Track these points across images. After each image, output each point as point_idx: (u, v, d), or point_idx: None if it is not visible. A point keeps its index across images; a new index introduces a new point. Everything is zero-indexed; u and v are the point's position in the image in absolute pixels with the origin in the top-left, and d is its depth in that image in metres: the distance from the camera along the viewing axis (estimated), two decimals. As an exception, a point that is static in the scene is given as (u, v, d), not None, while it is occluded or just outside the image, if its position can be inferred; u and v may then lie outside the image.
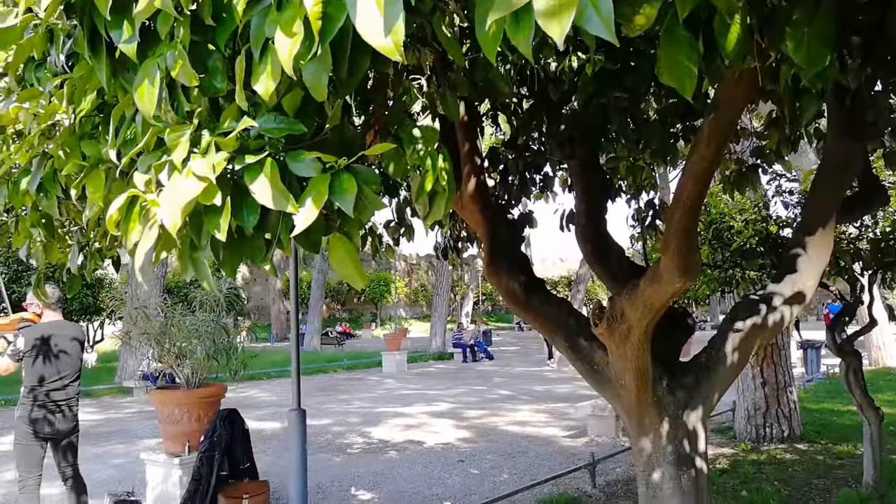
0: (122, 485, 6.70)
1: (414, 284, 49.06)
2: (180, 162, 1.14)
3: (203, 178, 1.10)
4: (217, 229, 1.14)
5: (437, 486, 6.74)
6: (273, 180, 1.13)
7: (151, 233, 1.17)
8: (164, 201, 1.13)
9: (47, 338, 4.84)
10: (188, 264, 1.27)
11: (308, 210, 1.12)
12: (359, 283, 1.27)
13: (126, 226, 1.21)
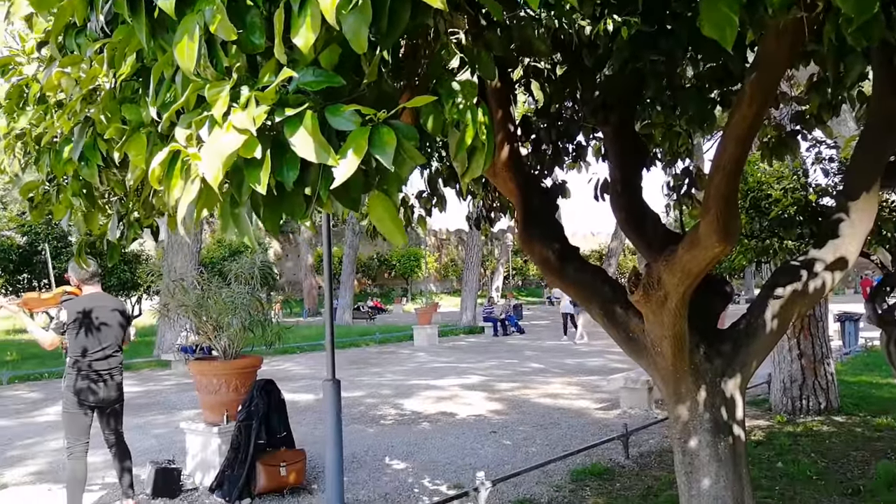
0: (162, 453, 6.89)
1: (444, 259, 49.16)
2: (220, 116, 1.15)
3: (243, 130, 1.11)
4: (257, 183, 1.15)
5: (470, 456, 6.80)
6: (313, 132, 1.12)
7: (193, 187, 1.17)
8: (205, 155, 1.13)
9: (88, 310, 4.96)
10: (229, 220, 1.28)
11: (348, 162, 1.12)
12: (399, 239, 1.27)
13: (168, 181, 1.22)
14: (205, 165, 1.13)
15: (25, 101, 2.13)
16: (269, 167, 1.15)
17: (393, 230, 1.26)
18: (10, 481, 6.42)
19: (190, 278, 6.22)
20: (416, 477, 6.14)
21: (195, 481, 6.00)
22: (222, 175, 1.12)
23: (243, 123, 1.11)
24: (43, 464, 7.09)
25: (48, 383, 13.57)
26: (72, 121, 1.73)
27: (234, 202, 1.26)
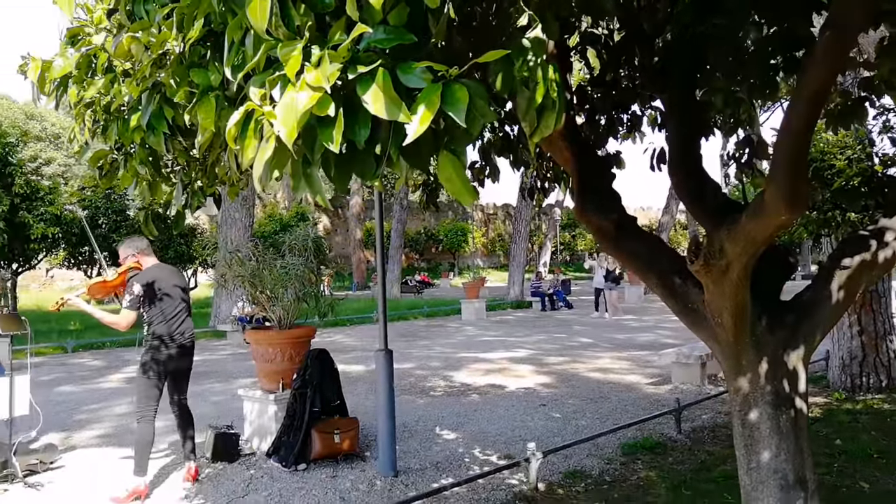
0: (221, 419, 7.09)
1: (491, 234, 49.10)
2: (294, 75, 1.15)
3: (317, 88, 1.11)
4: (330, 142, 1.16)
5: (520, 428, 6.83)
6: (385, 89, 1.12)
7: (268, 146, 1.19)
8: (279, 113, 1.14)
9: (154, 281, 5.11)
10: (301, 180, 1.29)
11: (420, 119, 1.12)
12: (467, 198, 1.26)
13: (243, 141, 1.24)
14: (279, 123, 1.14)
15: (94, 70, 2.18)
16: (342, 125, 1.16)
17: (462, 190, 1.25)
18: (78, 443, 6.71)
19: (245, 250, 6.34)
20: (466, 447, 6.20)
21: (252, 446, 6.18)
22: (297, 133, 1.13)
23: (317, 81, 1.11)
24: (108, 427, 7.39)
25: (110, 352, 14.11)
26: (140, 86, 1.77)
27: (306, 162, 1.27)
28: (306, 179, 1.28)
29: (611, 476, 5.35)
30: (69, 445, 6.58)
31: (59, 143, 40.60)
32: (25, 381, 5.71)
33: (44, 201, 15.51)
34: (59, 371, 11.58)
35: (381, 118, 1.14)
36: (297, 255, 6.40)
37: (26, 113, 39.79)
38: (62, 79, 2.18)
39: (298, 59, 1.17)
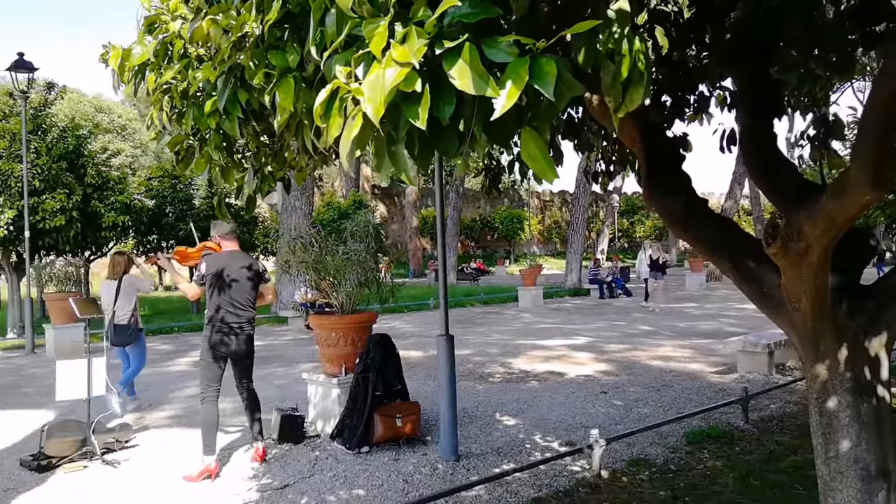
0: (285, 402, 7.26)
1: (547, 221, 48.69)
2: (379, 51, 1.15)
3: (405, 64, 1.11)
4: (416, 118, 1.15)
5: (581, 415, 6.77)
6: (473, 64, 1.11)
7: (354, 123, 1.19)
8: (366, 90, 1.14)
9: (224, 266, 5.25)
10: (385, 158, 1.29)
11: (508, 93, 1.10)
12: (550, 176, 1.25)
13: (328, 119, 1.25)
14: (366, 101, 1.14)
15: (170, 57, 2.23)
16: (428, 101, 1.15)
17: (545, 167, 1.23)
18: (150, 423, 6.97)
19: (307, 237, 6.44)
20: (527, 433, 6.18)
21: (317, 428, 6.31)
22: (383, 110, 1.12)
23: (405, 57, 1.11)
24: (178, 408, 7.65)
25: (178, 336, 14.60)
26: (217, 70, 1.80)
27: (390, 139, 1.27)
28: (391, 157, 1.28)
29: (676, 465, 5.26)
30: (142, 425, 6.83)
31: (125, 134, 42.02)
32: (102, 363, 5.94)
33: (114, 191, 16.08)
34: (130, 354, 12.02)
35: (466, 94, 1.13)
36: (359, 241, 6.46)
37: (95, 106, 41.26)
38: (140, 66, 2.24)
39: (384, 36, 1.16)
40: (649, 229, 47.03)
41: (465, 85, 1.12)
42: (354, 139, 1.18)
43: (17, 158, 13.74)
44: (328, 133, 1.26)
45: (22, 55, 13.07)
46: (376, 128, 1.17)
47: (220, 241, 5.34)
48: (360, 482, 5.01)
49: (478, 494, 4.68)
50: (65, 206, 14.22)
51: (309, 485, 4.98)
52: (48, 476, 5.35)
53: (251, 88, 1.82)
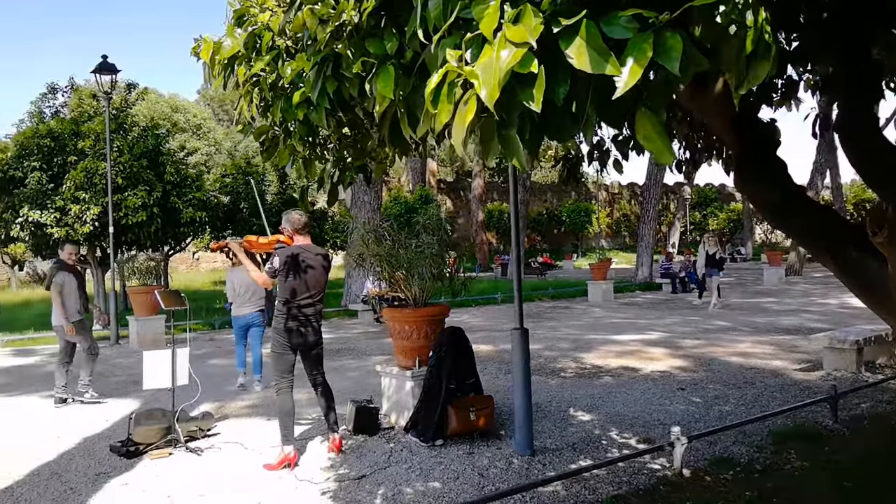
0: (358, 393, 7.34)
1: (616, 214, 47.84)
2: (491, 33, 1.11)
3: (521, 44, 1.06)
4: (531, 100, 1.10)
5: (658, 411, 6.60)
6: (591, 41, 1.05)
7: (468, 108, 1.15)
8: (479, 72, 1.10)
9: (297, 258, 5.32)
10: (493, 144, 1.25)
11: (630, 71, 1.04)
12: (668, 157, 1.18)
13: (438, 105, 1.21)
14: (480, 84, 1.10)
15: (258, 49, 2.25)
16: (544, 82, 1.10)
17: (662, 148, 1.17)
18: (229, 413, 7.17)
19: (381, 230, 6.47)
20: (602, 429, 6.07)
21: (391, 420, 6.35)
22: (498, 93, 1.08)
23: (520, 37, 1.06)
24: (256, 398, 7.84)
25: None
26: (312, 60, 1.80)
27: (500, 123, 1.22)
28: (502, 142, 1.23)
29: (761, 464, 5.06)
30: (222, 414, 7.03)
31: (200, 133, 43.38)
32: (185, 353, 6.14)
33: (191, 188, 16.64)
34: (208, 346, 12.43)
35: (580, 74, 1.07)
36: (431, 234, 6.45)
37: (171, 106, 42.77)
38: (230, 59, 2.27)
39: (495, 17, 1.12)
40: (723, 222, 45.61)
41: (582, 64, 1.06)
42: (469, 124, 1.14)
43: (102, 157, 14.35)
44: (437, 119, 1.22)
45: (105, 58, 13.63)
46: (490, 112, 1.12)
47: (293, 234, 5.41)
48: (435, 474, 5.01)
49: (555, 490, 4.60)
50: (146, 202, 14.79)
51: (385, 476, 5.02)
52: (136, 462, 5.56)
53: (342, 78, 1.81)
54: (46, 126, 15.44)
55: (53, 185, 14.54)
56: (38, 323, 16.77)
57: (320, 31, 1.67)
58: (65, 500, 4.80)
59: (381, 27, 1.56)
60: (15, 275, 33.54)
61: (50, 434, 6.57)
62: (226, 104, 52.09)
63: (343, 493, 4.70)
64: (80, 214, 14.13)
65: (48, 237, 14.42)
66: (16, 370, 10.72)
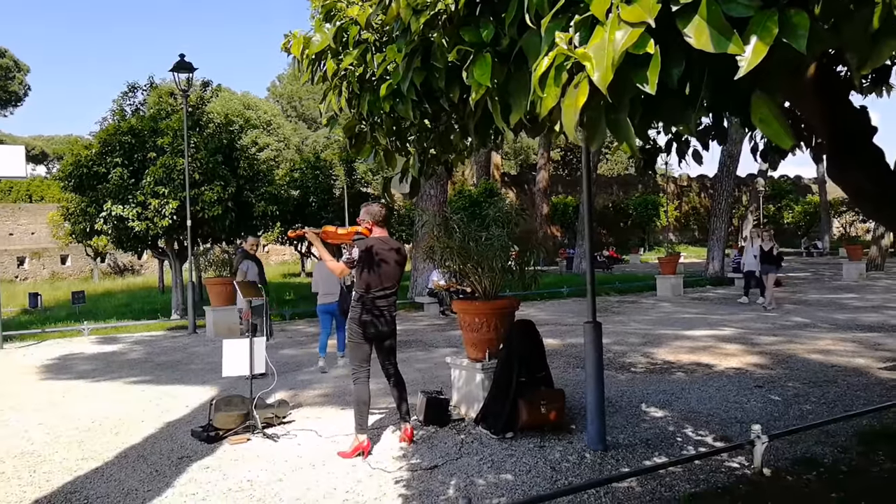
0: (427, 385, 7.42)
1: (684, 207, 46.70)
2: (603, 13, 1.09)
3: (638, 24, 1.04)
4: (644, 83, 1.08)
5: (735, 409, 6.42)
6: (712, 20, 1.02)
7: (579, 91, 1.14)
8: (592, 54, 1.09)
9: (374, 251, 5.38)
10: (600, 128, 1.23)
11: (754, 49, 1.01)
12: (786, 141, 1.14)
13: (547, 89, 1.20)
14: (593, 66, 1.08)
15: (345, 43, 2.28)
16: (659, 63, 1.08)
17: (780, 132, 1.13)
18: (303, 401, 7.34)
19: (451, 222, 6.50)
20: (676, 426, 5.94)
21: (461, 412, 6.38)
22: (612, 75, 1.06)
23: (637, 16, 1.04)
24: (328, 388, 8.01)
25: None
26: (404, 50, 1.81)
27: (610, 107, 1.20)
28: (611, 126, 1.21)
29: (847, 466, 4.86)
30: (296, 403, 7.20)
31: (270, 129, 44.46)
32: (261, 342, 6.31)
33: (263, 182, 17.08)
34: (280, 336, 12.75)
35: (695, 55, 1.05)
36: (501, 226, 6.44)
37: (244, 103, 43.96)
38: (318, 54, 2.31)
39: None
40: (798, 215, 43.97)
41: (702, 43, 1.03)
42: (581, 108, 1.12)
43: (180, 153, 14.87)
44: (542, 104, 1.21)
45: (183, 56, 14.10)
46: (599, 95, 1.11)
47: (372, 226, 5.48)
48: (507, 467, 5.01)
49: (630, 486, 4.54)
50: (221, 196, 15.24)
51: (457, 467, 5.05)
52: (216, 447, 5.75)
53: (431, 69, 1.82)
54: (127, 123, 16.09)
55: (134, 180, 15.14)
56: (120, 312, 17.58)
57: (414, 20, 1.68)
58: (151, 481, 5.01)
59: (476, 15, 1.56)
60: (97, 266, 35.16)
61: (134, 418, 6.87)
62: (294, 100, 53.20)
63: (416, 483, 4.76)
64: (160, 208, 14.68)
65: (129, 230, 15.04)
66: (101, 357, 11.25)
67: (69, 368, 10.19)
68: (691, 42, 1.04)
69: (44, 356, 11.46)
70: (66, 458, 5.64)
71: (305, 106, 54.62)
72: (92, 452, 5.75)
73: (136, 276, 36.12)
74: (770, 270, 14.80)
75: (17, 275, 33.34)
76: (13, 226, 35.66)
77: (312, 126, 53.89)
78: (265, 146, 41.05)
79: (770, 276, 14.76)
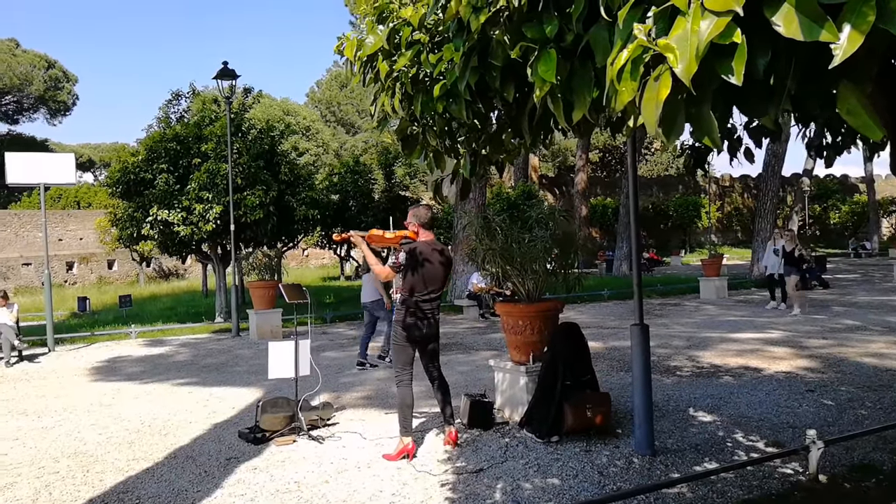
0: (469, 387, 7.40)
1: (727, 208, 45.86)
2: (685, 4, 1.06)
3: (724, 13, 1.01)
4: (730, 73, 1.05)
5: (786, 414, 6.26)
6: (803, 6, 0.99)
7: (660, 84, 1.11)
8: (675, 45, 1.06)
9: (420, 254, 5.37)
10: (678, 122, 1.20)
11: (850, 37, 0.96)
12: (875, 132, 1.10)
13: (624, 83, 1.18)
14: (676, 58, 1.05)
15: (397, 44, 2.28)
16: (745, 53, 1.04)
17: (868, 123, 1.09)
18: (346, 403, 7.38)
19: (493, 224, 6.46)
20: (726, 431, 5.82)
21: (504, 415, 6.34)
22: (696, 67, 1.03)
23: (724, 5, 1.01)
24: (370, 390, 8.04)
25: (362, 323, 15.37)
26: (459, 51, 1.80)
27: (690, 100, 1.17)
28: (692, 119, 1.18)
29: (908, 474, 4.70)
30: (339, 405, 7.24)
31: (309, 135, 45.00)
32: (306, 345, 6.37)
33: (304, 186, 17.28)
34: (322, 339, 12.86)
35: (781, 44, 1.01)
36: (544, 228, 6.39)
37: (283, 109, 44.58)
38: (370, 56, 2.31)
39: (689, -13, 1.07)
40: (845, 215, 42.82)
41: (792, 31, 0.99)
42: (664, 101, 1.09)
43: (223, 159, 15.12)
44: (618, 98, 1.18)
45: (226, 64, 14.35)
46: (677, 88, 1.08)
47: (419, 230, 5.48)
48: (553, 471, 4.96)
49: (680, 492, 4.45)
50: (262, 201, 15.46)
51: (502, 470, 5.01)
52: (263, 448, 5.81)
53: (488, 68, 1.81)
54: (173, 130, 16.43)
55: (179, 185, 15.44)
56: (165, 316, 17.94)
57: (474, 18, 1.67)
58: (200, 481, 5.09)
59: (538, 11, 1.53)
60: (143, 270, 35.98)
61: (182, 419, 6.99)
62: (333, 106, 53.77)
63: (462, 486, 4.74)
64: (204, 213, 14.94)
65: (175, 235, 15.34)
66: (149, 359, 11.49)
67: (118, 370, 10.42)
68: (780, 30, 1.00)
69: (93, 358, 11.74)
70: (118, 458, 5.76)
71: (344, 111, 55.20)
72: (142, 453, 5.87)
73: (181, 279, 36.84)
74: (791, 272, 14.06)
75: (66, 279, 34.29)
76: (62, 231, 36.70)
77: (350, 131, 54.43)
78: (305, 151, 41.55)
79: (791, 279, 14.05)
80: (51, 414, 7.51)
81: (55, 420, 7.21)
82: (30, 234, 35.14)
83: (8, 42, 47.64)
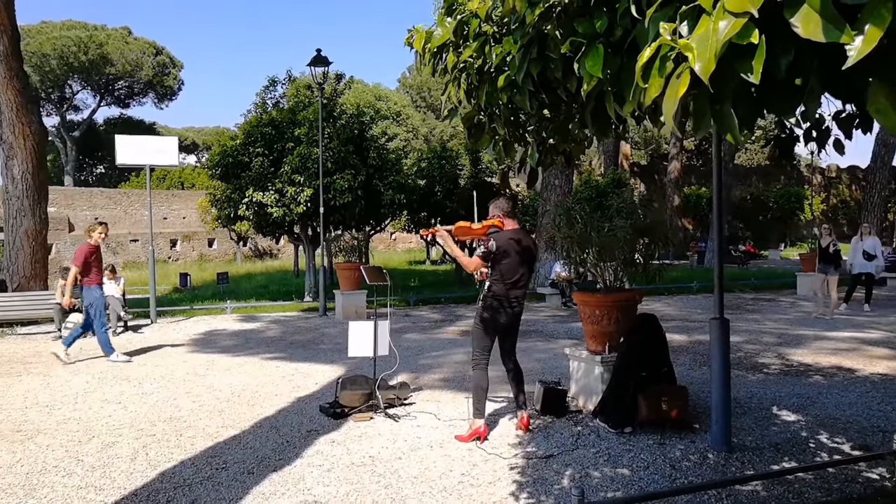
0: (546, 375, 7.42)
1: (832, 200, 43.43)
2: (710, 4, 1.09)
3: (741, 13, 1.03)
4: (749, 72, 1.07)
5: (879, 418, 5.97)
6: (822, 8, 0.99)
7: (680, 81, 1.14)
8: (695, 45, 1.09)
9: (507, 244, 5.42)
10: (706, 118, 1.22)
11: (866, 38, 0.97)
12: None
13: (651, 79, 1.21)
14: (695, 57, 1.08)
15: (466, 36, 2.34)
16: (764, 53, 1.06)
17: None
18: (423, 384, 7.56)
19: (574, 212, 6.43)
20: (810, 431, 5.61)
21: (578, 404, 6.34)
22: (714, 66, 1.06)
23: (741, 6, 1.03)
24: (448, 372, 8.19)
25: (445, 307, 15.62)
26: (520, 42, 1.85)
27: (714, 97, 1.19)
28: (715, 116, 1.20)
29: None
30: (416, 385, 7.43)
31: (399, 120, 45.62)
32: (386, 326, 6.56)
33: (391, 171, 17.60)
34: (404, 321, 13.15)
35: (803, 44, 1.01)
36: (625, 217, 6.31)
37: (375, 94, 45.36)
38: (439, 47, 2.39)
39: (713, -12, 1.09)
40: (967, 210, 39.67)
41: (811, 32, 1.00)
42: (681, 98, 1.12)
43: (314, 143, 15.60)
44: (646, 94, 1.22)
45: (319, 51, 14.76)
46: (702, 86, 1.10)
47: (504, 219, 5.53)
48: (624, 461, 4.94)
49: (754, 490, 4.35)
50: (351, 185, 15.86)
51: (572, 457, 5.04)
52: (341, 423, 6.06)
53: (548, 60, 1.85)
54: (268, 115, 17.06)
55: (273, 168, 16.04)
56: (259, 293, 18.76)
57: (529, 13, 1.71)
58: (282, 450, 5.36)
59: (589, 6, 1.57)
60: (240, 249, 37.61)
61: (268, 392, 7.35)
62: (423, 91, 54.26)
63: (531, 471, 4.80)
64: (296, 196, 15.48)
65: (268, 216, 15.97)
66: (241, 334, 12.08)
67: (213, 343, 11.02)
68: (798, 31, 1.01)
69: (191, 331, 12.46)
70: (209, 424, 6.14)
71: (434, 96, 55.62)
72: (231, 421, 6.23)
73: (274, 259, 38.31)
74: (827, 270, 12.99)
75: (169, 255, 36.28)
76: (167, 210, 38.81)
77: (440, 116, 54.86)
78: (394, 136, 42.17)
79: (831, 280, 12.97)
80: (150, 381, 8.05)
81: (154, 387, 7.74)
82: (137, 213, 37.35)
83: (121, 30, 50.47)
